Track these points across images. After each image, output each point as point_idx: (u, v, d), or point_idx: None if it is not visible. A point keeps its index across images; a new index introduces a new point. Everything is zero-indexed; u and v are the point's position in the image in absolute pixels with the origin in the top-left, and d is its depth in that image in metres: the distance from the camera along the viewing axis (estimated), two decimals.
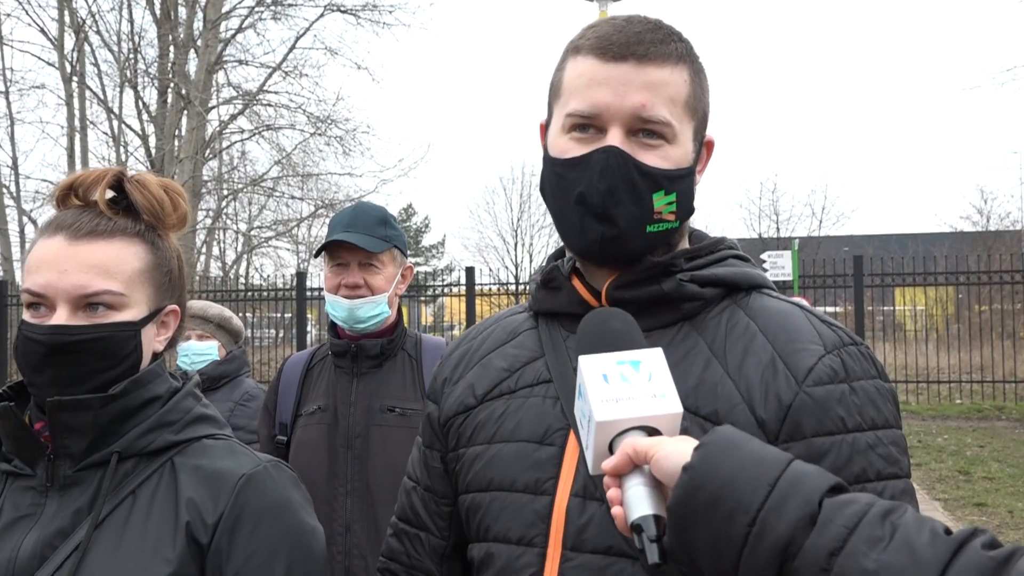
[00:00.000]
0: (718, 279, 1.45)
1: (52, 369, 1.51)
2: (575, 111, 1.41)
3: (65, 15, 26.55)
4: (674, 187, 1.41)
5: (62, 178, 8.57)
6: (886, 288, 18.70)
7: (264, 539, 1.50)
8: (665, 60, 1.40)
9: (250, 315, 21.82)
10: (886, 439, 1.33)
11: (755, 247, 33.15)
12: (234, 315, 4.61)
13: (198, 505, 1.50)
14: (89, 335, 1.51)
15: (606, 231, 1.39)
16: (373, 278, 2.90)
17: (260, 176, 28.52)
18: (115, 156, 27.15)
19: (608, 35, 1.41)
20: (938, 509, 9.43)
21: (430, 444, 1.63)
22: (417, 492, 1.64)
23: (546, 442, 1.42)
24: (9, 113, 28.27)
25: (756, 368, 1.35)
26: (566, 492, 1.38)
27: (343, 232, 2.87)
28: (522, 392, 1.49)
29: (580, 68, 1.42)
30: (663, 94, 1.39)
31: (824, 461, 1.28)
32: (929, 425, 15.25)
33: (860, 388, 1.34)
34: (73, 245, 1.53)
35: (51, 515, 1.51)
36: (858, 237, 40.60)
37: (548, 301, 1.54)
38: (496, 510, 1.44)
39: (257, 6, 27.09)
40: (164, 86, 26.71)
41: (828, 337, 1.38)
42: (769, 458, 1.07)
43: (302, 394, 3.00)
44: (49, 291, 1.51)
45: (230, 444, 1.62)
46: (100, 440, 1.53)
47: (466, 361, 1.62)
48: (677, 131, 1.40)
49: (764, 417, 1.32)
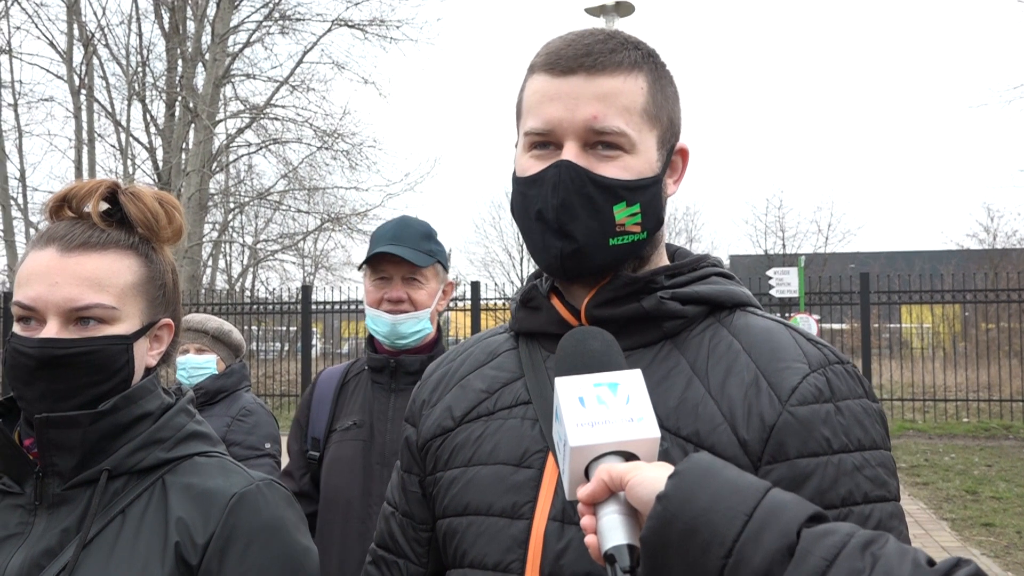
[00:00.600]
0: (700, 297, 1.42)
1: (41, 383, 1.48)
2: (531, 129, 1.40)
3: (74, 28, 26.70)
4: (636, 198, 1.38)
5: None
6: (893, 305, 18.62)
7: (255, 561, 1.47)
8: (616, 69, 1.37)
9: (255, 328, 21.82)
10: (873, 460, 1.29)
11: (761, 264, 33.08)
12: (234, 328, 4.56)
13: (188, 525, 1.47)
14: (80, 349, 1.48)
15: (564, 246, 1.37)
16: (416, 293, 2.83)
17: (266, 189, 28.62)
18: (122, 169, 27.26)
19: (558, 50, 1.40)
20: (945, 529, 9.36)
21: (408, 468, 1.59)
22: (396, 518, 1.60)
23: (524, 464, 1.39)
24: (17, 125, 28.39)
25: (739, 387, 1.32)
26: (544, 516, 1.35)
27: (388, 244, 2.80)
28: (500, 414, 1.46)
29: (535, 86, 1.41)
30: (616, 104, 1.36)
31: (809, 483, 1.25)
32: (936, 444, 15.16)
33: (846, 408, 1.30)
34: (65, 257, 1.50)
35: (39, 534, 1.48)
36: (864, 254, 40.52)
37: (528, 321, 1.52)
38: (473, 535, 1.41)
39: (265, 20, 27.24)
40: (172, 99, 26.85)
41: (813, 355, 1.34)
42: (745, 486, 1.03)
43: (336, 409, 2.92)
44: (39, 304, 1.48)
45: (222, 462, 1.59)
46: (90, 457, 1.50)
47: (445, 382, 1.58)
48: (635, 140, 1.37)
49: (747, 438, 1.29)
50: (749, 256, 40.57)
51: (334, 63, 29.26)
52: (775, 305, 17.25)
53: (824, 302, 17.89)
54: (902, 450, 14.07)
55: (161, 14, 27.18)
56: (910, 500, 10.58)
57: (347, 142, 26.92)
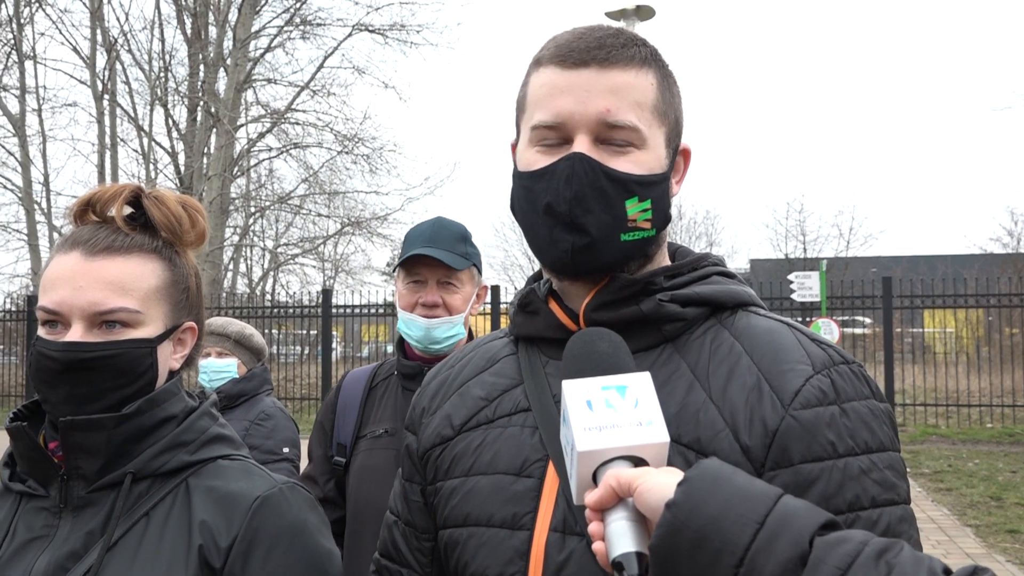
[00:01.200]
0: (700, 298, 1.39)
1: (66, 386, 1.48)
2: (540, 122, 1.36)
3: (97, 34, 26.94)
4: (648, 193, 1.35)
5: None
6: (915, 310, 18.49)
7: (278, 563, 1.47)
8: (628, 63, 1.35)
9: (276, 332, 21.91)
10: (881, 463, 1.25)
11: (782, 268, 32.94)
12: (256, 332, 4.56)
13: (211, 528, 1.47)
14: (104, 352, 1.49)
15: (576, 240, 1.34)
16: (451, 297, 2.73)
17: (287, 194, 28.75)
18: (144, 173, 27.45)
19: (568, 43, 1.37)
20: (969, 535, 9.27)
21: (410, 477, 1.57)
22: (398, 527, 1.57)
23: (524, 474, 1.36)
24: (41, 130, 28.65)
25: (741, 392, 1.29)
26: (545, 527, 1.32)
27: (424, 246, 2.69)
28: (500, 422, 1.43)
29: (542, 79, 1.38)
30: (628, 98, 1.34)
31: (814, 489, 1.22)
32: (959, 449, 15.03)
33: (852, 410, 1.27)
34: (89, 261, 1.51)
35: (64, 537, 1.48)
36: (886, 258, 40.31)
37: (526, 325, 1.49)
38: (473, 546, 1.38)
39: (286, 26, 27.41)
40: (194, 104, 27.02)
41: (817, 356, 1.31)
42: (756, 493, 1.01)
43: (364, 415, 2.83)
44: (64, 308, 1.49)
45: (245, 465, 1.59)
46: (114, 460, 1.50)
47: (444, 390, 1.56)
48: (646, 136, 1.35)
49: (749, 444, 1.25)
50: (770, 260, 40.41)
51: (355, 68, 29.50)
52: (796, 309, 17.16)
53: (846, 307, 17.78)
54: (925, 456, 13.96)
55: (183, 20, 27.39)
56: (933, 506, 10.49)
57: (367, 146, 27.06)
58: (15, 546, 1.50)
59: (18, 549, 1.49)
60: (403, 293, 2.77)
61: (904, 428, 16.38)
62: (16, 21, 27.79)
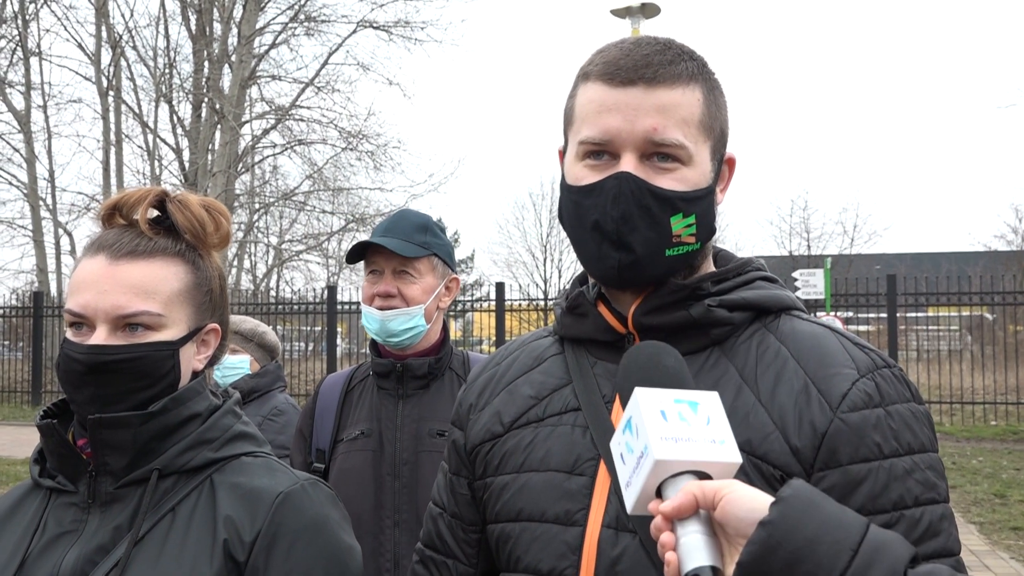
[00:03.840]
0: (747, 303, 1.42)
1: (91, 387, 1.52)
2: (587, 138, 1.39)
3: (103, 30, 26.96)
4: (692, 209, 1.38)
5: (97, 191, 8.64)
6: (920, 307, 18.50)
7: (300, 558, 1.50)
8: (675, 81, 1.38)
9: (280, 328, 21.96)
10: (923, 463, 1.30)
11: (786, 265, 32.88)
12: (269, 330, 4.60)
13: (235, 523, 1.50)
14: (127, 355, 1.52)
15: (623, 258, 1.37)
16: (408, 288, 2.67)
17: (291, 190, 28.78)
18: (149, 169, 27.50)
19: (616, 59, 1.39)
20: (974, 532, 9.29)
21: (456, 471, 1.60)
22: (444, 519, 1.61)
23: (576, 472, 1.40)
24: (46, 127, 28.72)
25: (789, 395, 1.33)
26: (598, 523, 1.36)
27: (379, 236, 2.68)
28: (550, 420, 1.47)
29: (590, 94, 1.41)
30: (675, 116, 1.36)
31: (861, 488, 1.26)
32: (964, 447, 15.04)
33: (895, 412, 1.31)
34: (113, 265, 1.54)
35: (92, 531, 1.51)
36: (890, 256, 40.27)
37: (574, 327, 1.52)
38: (526, 541, 1.42)
39: (291, 22, 27.41)
40: (198, 101, 27.06)
41: (861, 360, 1.35)
42: (849, 521, 1.03)
43: (341, 418, 2.79)
44: (89, 311, 1.52)
45: (268, 462, 1.62)
46: (140, 457, 1.53)
47: (492, 387, 1.59)
48: (692, 152, 1.38)
49: (799, 445, 1.29)
50: (774, 257, 40.34)
51: (359, 64, 29.39)
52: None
53: (851, 304, 17.80)
54: None
55: (188, 16, 27.41)
56: None
57: (372, 143, 27.08)
58: (45, 540, 1.53)
59: (48, 543, 1.52)
60: (364, 286, 2.74)
61: None
62: (21, 17, 27.84)
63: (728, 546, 1.07)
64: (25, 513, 1.60)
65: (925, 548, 1.25)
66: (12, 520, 1.60)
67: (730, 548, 1.07)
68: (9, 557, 1.54)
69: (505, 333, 18.70)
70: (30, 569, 1.51)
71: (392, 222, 2.74)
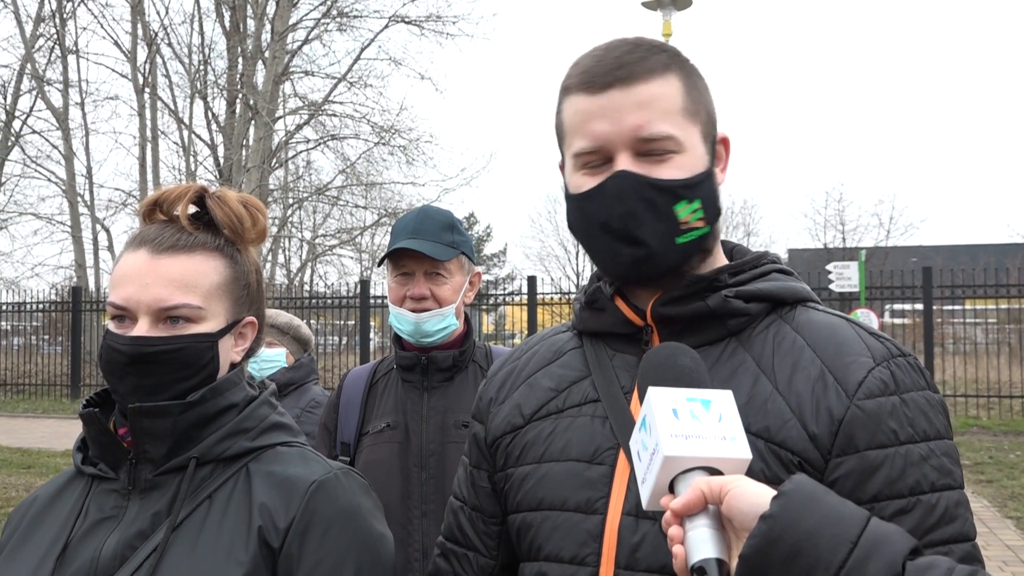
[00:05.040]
0: (763, 294, 1.45)
1: (133, 377, 1.56)
2: (580, 149, 1.42)
3: (138, 28, 27.23)
4: (695, 194, 1.41)
5: (133, 187, 8.80)
6: (956, 300, 18.29)
7: (333, 545, 1.54)
8: (650, 75, 1.40)
9: (314, 322, 22.11)
10: (938, 450, 1.32)
11: (820, 258, 32.65)
12: (303, 323, 4.68)
13: (270, 510, 1.54)
14: (168, 346, 1.56)
15: (636, 252, 1.40)
16: (440, 288, 2.71)
17: (324, 185, 28.97)
18: (185, 165, 27.76)
19: (590, 68, 1.43)
20: (1010, 527, 9.20)
21: (477, 464, 1.63)
22: (464, 512, 1.64)
23: (596, 461, 1.42)
24: (84, 124, 29.09)
25: (806, 383, 1.35)
26: (618, 511, 1.38)
27: (408, 239, 2.69)
28: (570, 412, 1.49)
29: (574, 107, 1.44)
30: (657, 109, 1.39)
31: (878, 474, 1.29)
32: (1001, 441, 14.86)
33: (911, 400, 1.34)
34: (155, 259, 1.59)
35: (132, 517, 1.56)
36: (927, 248, 39.76)
37: (592, 321, 1.55)
38: (548, 529, 1.44)
39: (323, 18, 27.54)
40: (232, 97, 27.26)
41: (877, 349, 1.37)
42: (849, 514, 1.05)
43: (366, 411, 2.83)
44: (131, 304, 1.57)
45: (303, 451, 1.66)
46: (179, 446, 1.58)
47: (512, 380, 1.62)
48: (682, 140, 1.40)
49: (816, 432, 1.32)
50: (808, 250, 40.05)
51: (391, 59, 29.52)
52: (835, 300, 17.04)
53: (886, 297, 17.63)
54: (966, 447, 13.82)
55: (222, 13, 27.64)
56: (974, 498, 10.40)
57: (404, 137, 27.18)
58: (87, 525, 1.58)
59: (90, 528, 1.57)
60: (392, 287, 2.77)
61: None
62: (59, 16, 28.21)
63: (735, 540, 1.10)
64: (68, 499, 1.65)
65: (942, 533, 1.27)
66: (55, 505, 1.66)
67: (737, 542, 1.10)
68: (53, 541, 1.59)
69: (537, 327, 18.70)
70: (73, 552, 1.56)
71: (418, 222, 2.74)
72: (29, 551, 1.61)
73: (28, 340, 25.06)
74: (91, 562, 1.53)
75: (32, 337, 25.32)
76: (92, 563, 1.53)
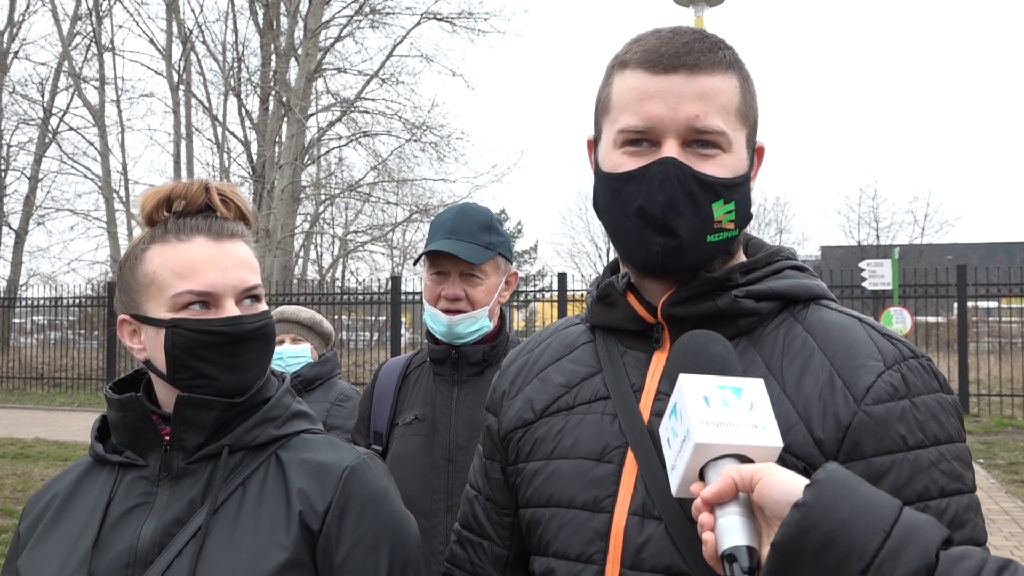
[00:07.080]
0: (774, 292, 1.43)
1: (231, 357, 1.61)
2: (628, 126, 1.40)
3: (173, 26, 27.51)
4: (732, 195, 1.40)
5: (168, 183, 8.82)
6: (991, 298, 18.08)
7: (369, 526, 1.59)
8: (715, 69, 1.39)
9: (345, 318, 22.24)
10: (949, 454, 1.30)
11: (854, 255, 32.39)
12: (325, 319, 4.74)
13: (308, 495, 1.58)
14: (262, 323, 1.65)
15: (667, 243, 1.38)
16: (475, 290, 2.70)
17: (356, 182, 29.10)
18: (218, 162, 28.00)
19: (656, 47, 1.40)
20: None
21: (491, 456, 1.65)
22: (479, 501, 1.66)
23: (604, 459, 1.43)
24: (120, 121, 29.45)
25: (814, 386, 1.34)
26: (624, 510, 1.38)
27: (444, 239, 2.68)
28: (580, 408, 1.50)
29: (629, 82, 1.41)
30: (716, 103, 1.38)
31: (885, 480, 1.27)
32: None
33: (922, 403, 1.32)
34: (220, 245, 1.63)
35: (164, 504, 1.59)
36: (962, 245, 39.35)
37: (604, 316, 1.54)
38: (556, 526, 1.46)
39: (355, 15, 27.68)
40: (266, 94, 27.48)
41: (888, 352, 1.35)
42: (882, 503, 1.05)
43: (398, 402, 2.85)
44: (217, 288, 1.60)
45: (328, 438, 1.71)
46: (213, 435, 1.62)
47: (524, 374, 1.63)
48: (731, 139, 1.40)
49: (822, 437, 1.30)
50: (842, 247, 39.75)
51: (423, 56, 29.76)
52: (868, 298, 16.91)
53: (919, 295, 17.46)
54: (1000, 447, 13.66)
55: (256, 11, 27.84)
56: (1007, 498, 10.27)
57: (435, 134, 27.24)
58: (118, 513, 1.61)
59: (121, 515, 1.60)
60: (428, 285, 2.77)
61: (979, 419, 16.04)
62: (95, 14, 28.57)
63: (766, 528, 1.10)
64: (91, 488, 1.67)
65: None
66: (78, 496, 1.68)
67: (767, 529, 1.10)
68: (82, 530, 1.62)
69: None
70: (106, 540, 1.58)
71: (456, 221, 2.73)
72: (56, 541, 1.64)
73: (64, 334, 25.45)
74: (130, 549, 1.56)
75: (68, 331, 25.70)
76: (131, 551, 1.56)
